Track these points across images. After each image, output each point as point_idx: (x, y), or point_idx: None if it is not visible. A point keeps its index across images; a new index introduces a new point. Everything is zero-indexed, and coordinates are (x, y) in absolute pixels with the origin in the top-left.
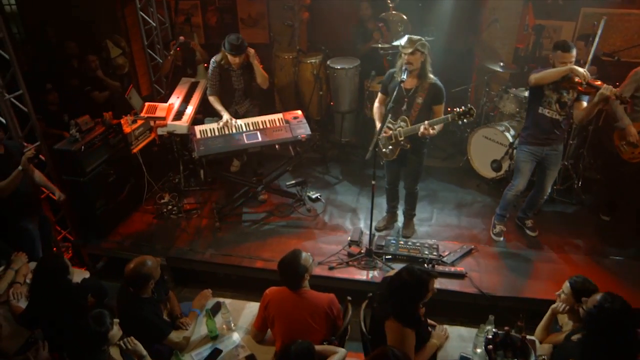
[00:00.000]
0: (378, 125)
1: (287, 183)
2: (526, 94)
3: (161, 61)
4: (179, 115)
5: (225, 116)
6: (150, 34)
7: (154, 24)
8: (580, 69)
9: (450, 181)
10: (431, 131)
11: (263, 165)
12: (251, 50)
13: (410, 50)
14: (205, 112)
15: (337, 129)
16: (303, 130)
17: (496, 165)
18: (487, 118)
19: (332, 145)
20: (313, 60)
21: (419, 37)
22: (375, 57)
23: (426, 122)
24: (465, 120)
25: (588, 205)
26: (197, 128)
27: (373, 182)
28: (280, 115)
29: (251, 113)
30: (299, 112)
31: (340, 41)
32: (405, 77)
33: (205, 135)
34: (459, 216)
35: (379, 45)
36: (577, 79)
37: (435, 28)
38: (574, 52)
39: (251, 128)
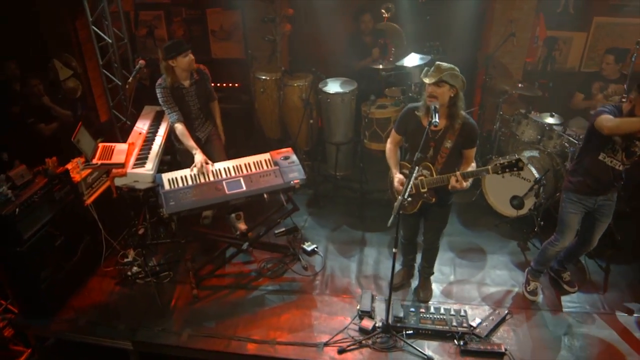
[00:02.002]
0: (394, 171)
1: (276, 232)
2: (548, 120)
3: (120, 83)
4: (141, 158)
5: (199, 157)
6: (107, 52)
7: (110, 40)
8: None
9: (465, 221)
10: (464, 184)
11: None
12: None
13: (433, 80)
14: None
15: (331, 162)
16: (296, 174)
17: (517, 202)
18: (499, 145)
19: (325, 179)
20: (301, 83)
21: (449, 65)
22: (374, 78)
23: (458, 172)
24: (510, 174)
25: (626, 248)
26: (165, 177)
27: (394, 250)
28: (267, 156)
29: (215, 136)
30: (290, 150)
31: (327, 59)
32: (437, 120)
33: (176, 186)
34: (482, 268)
35: (380, 67)
36: None
37: (441, 44)
38: None
39: (232, 174)
